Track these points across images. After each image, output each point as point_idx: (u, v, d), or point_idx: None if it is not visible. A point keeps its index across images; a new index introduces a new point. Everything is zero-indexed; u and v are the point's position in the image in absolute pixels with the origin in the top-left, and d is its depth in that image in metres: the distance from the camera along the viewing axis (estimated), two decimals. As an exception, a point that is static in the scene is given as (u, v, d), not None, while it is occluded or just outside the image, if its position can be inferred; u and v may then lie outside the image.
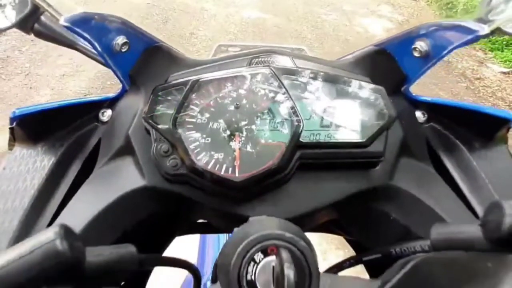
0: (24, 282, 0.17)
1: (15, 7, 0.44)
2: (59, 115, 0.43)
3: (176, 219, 0.46)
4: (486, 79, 4.05)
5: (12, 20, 0.42)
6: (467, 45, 0.38)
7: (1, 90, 2.43)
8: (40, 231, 0.20)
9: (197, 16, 4.26)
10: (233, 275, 0.20)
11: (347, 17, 5.12)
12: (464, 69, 4.19)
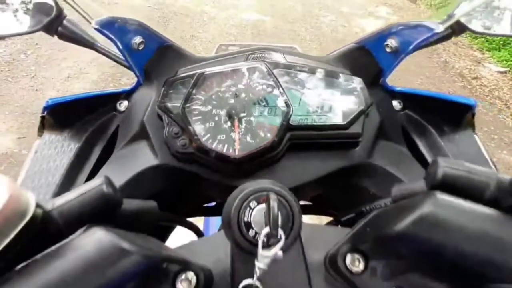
0: (78, 216, 0.23)
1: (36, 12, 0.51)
2: (83, 105, 0.49)
3: (183, 199, 0.52)
4: (483, 78, 4.09)
5: (39, 23, 0.49)
6: (428, 42, 0.44)
7: (8, 92, 2.48)
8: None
9: (198, 18, 4.30)
10: (234, 218, 0.26)
11: (345, 18, 5.17)
12: (461, 68, 4.23)
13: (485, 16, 0.51)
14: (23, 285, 0.18)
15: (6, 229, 0.18)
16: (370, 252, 0.26)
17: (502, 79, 4.15)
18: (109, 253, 0.20)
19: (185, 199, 0.52)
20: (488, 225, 0.21)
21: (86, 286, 0.19)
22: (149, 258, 0.21)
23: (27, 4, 0.50)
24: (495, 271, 0.21)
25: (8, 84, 2.58)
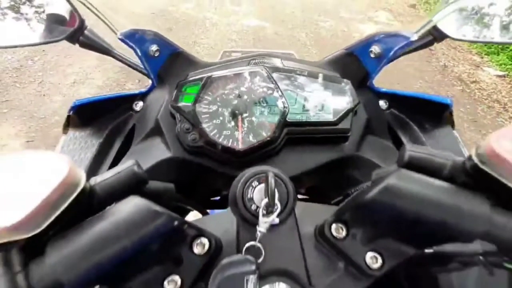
0: (114, 190, 0.28)
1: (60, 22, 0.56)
2: (103, 106, 0.55)
3: (192, 191, 0.57)
4: (482, 82, 4.12)
5: (64, 33, 0.55)
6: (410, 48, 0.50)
7: (16, 97, 2.55)
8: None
9: (199, 25, 4.37)
10: (239, 195, 0.32)
11: (345, 23, 5.23)
12: (460, 72, 4.26)
13: (462, 23, 0.56)
14: (80, 239, 0.24)
15: (64, 197, 0.24)
16: (350, 221, 0.31)
17: (501, 82, 4.18)
18: (144, 214, 0.25)
19: (193, 192, 0.58)
20: (442, 195, 0.26)
21: (127, 240, 0.24)
22: (175, 220, 0.27)
23: (52, 16, 0.56)
24: (448, 232, 0.26)
25: (16, 89, 2.65)
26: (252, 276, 0.26)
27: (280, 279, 0.30)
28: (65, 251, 0.23)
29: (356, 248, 0.30)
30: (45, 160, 0.24)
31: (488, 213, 0.25)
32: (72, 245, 0.23)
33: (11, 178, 0.23)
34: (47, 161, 0.24)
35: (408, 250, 0.30)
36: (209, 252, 0.30)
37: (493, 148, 0.24)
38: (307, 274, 0.31)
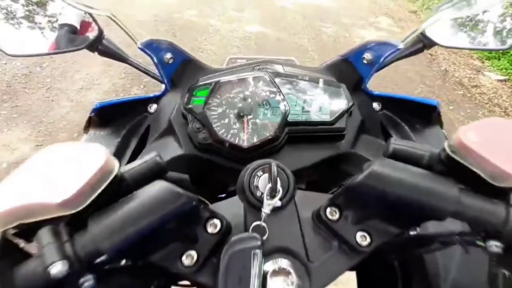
0: (140, 177, 0.33)
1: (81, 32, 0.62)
2: (121, 108, 0.60)
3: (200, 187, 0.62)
4: (483, 87, 4.16)
5: (84, 42, 0.60)
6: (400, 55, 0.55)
7: (25, 103, 2.62)
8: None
9: (203, 31, 4.43)
10: (246, 183, 0.36)
11: (346, 29, 5.29)
12: (461, 77, 4.30)
13: (450, 31, 0.61)
14: (115, 215, 0.28)
15: (101, 181, 0.29)
16: (342, 205, 0.36)
17: (502, 87, 4.22)
18: (168, 194, 0.30)
19: (202, 187, 0.62)
20: (418, 180, 0.31)
21: (153, 216, 0.29)
22: (193, 200, 0.31)
23: (73, 26, 0.62)
24: (424, 212, 0.31)
25: (26, 95, 2.72)
26: (258, 251, 0.31)
27: (282, 256, 0.34)
28: (103, 225, 0.28)
29: (347, 229, 0.35)
30: (87, 150, 0.29)
31: (457, 195, 0.29)
32: (109, 220, 0.28)
33: (60, 164, 0.28)
34: (89, 151, 0.29)
35: (392, 229, 0.34)
36: (220, 232, 0.35)
37: (461, 140, 0.29)
38: (306, 251, 0.35)
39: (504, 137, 0.30)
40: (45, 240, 0.26)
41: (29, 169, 0.28)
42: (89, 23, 0.60)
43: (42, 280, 0.26)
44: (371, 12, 6.03)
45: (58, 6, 0.59)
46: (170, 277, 0.46)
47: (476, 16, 0.63)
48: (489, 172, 0.28)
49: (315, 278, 0.34)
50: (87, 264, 0.27)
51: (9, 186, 0.27)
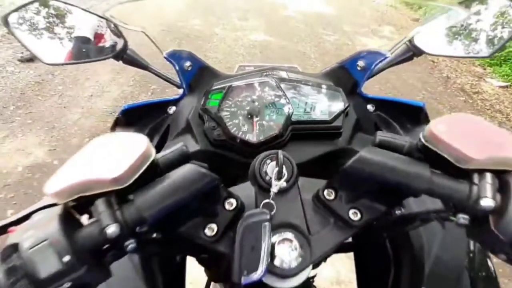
0: (171, 163, 0.39)
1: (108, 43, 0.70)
2: (144, 109, 0.68)
3: None
4: (485, 93, 4.21)
5: (111, 52, 0.68)
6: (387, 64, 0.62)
7: (38, 109, 2.72)
8: None
9: (208, 40, 4.54)
10: (256, 169, 0.43)
11: (348, 37, 5.38)
12: (463, 84, 4.36)
13: (436, 40, 0.68)
14: (155, 191, 0.35)
15: (143, 164, 0.36)
16: (337, 186, 0.43)
17: (503, 93, 4.26)
18: (196, 174, 0.37)
19: None
20: (397, 163, 0.37)
21: (184, 192, 0.36)
22: (216, 180, 0.38)
23: (102, 38, 0.70)
24: (402, 190, 0.38)
25: (39, 102, 2.82)
26: (267, 224, 0.38)
27: (287, 230, 0.41)
28: (145, 198, 0.35)
29: (341, 207, 0.42)
30: (132, 138, 0.36)
31: (429, 175, 0.36)
32: (150, 195, 0.35)
33: (112, 148, 0.35)
34: (133, 139, 0.36)
35: (379, 206, 0.41)
36: (236, 209, 0.42)
37: (432, 131, 0.36)
38: (307, 226, 0.42)
39: (467, 128, 0.37)
40: (101, 208, 0.33)
41: (87, 152, 0.36)
42: (116, 34, 0.68)
43: (99, 240, 0.33)
44: (374, 20, 6.12)
45: (90, 20, 0.67)
46: (192, 249, 0.53)
47: (460, 26, 0.70)
48: (455, 157, 0.35)
49: (315, 248, 0.41)
50: (132, 230, 0.34)
51: (71, 166, 0.34)
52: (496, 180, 0.35)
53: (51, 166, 2.19)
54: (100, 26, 0.68)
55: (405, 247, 0.51)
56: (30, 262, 0.30)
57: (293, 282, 0.41)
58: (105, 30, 0.69)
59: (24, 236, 0.31)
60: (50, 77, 3.17)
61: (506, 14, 0.66)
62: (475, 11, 0.68)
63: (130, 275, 0.46)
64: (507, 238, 0.32)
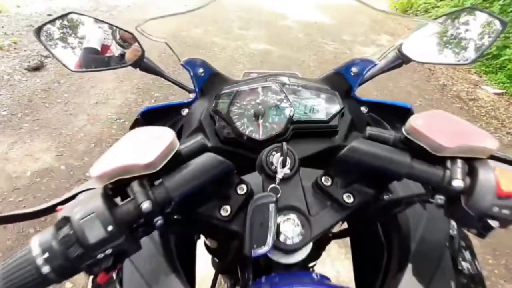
0: (191, 153, 0.46)
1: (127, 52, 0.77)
2: (161, 111, 0.75)
3: None
4: (480, 100, 4.28)
5: (130, 60, 0.75)
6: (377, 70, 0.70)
7: (46, 116, 2.80)
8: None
9: (209, 49, 4.65)
10: (264, 160, 0.50)
11: (347, 46, 5.48)
12: (459, 91, 4.44)
13: (423, 49, 0.76)
14: (180, 175, 0.42)
15: (169, 152, 0.42)
16: (333, 174, 0.50)
17: (499, 100, 4.33)
18: (214, 161, 0.44)
19: None
20: (383, 152, 0.44)
21: (205, 176, 0.43)
22: (231, 166, 0.45)
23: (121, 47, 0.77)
24: (387, 174, 0.45)
25: (46, 109, 2.90)
26: (273, 204, 0.45)
27: (290, 211, 0.48)
28: (172, 181, 0.42)
29: (337, 191, 0.49)
30: (161, 131, 0.43)
31: (409, 162, 0.43)
32: (176, 178, 0.42)
33: (144, 139, 0.42)
34: (162, 132, 0.43)
35: (369, 190, 0.48)
36: (246, 193, 0.49)
37: (412, 125, 0.43)
38: (307, 208, 0.49)
39: (441, 122, 0.44)
40: (136, 189, 0.40)
41: (124, 142, 0.43)
42: (134, 44, 0.75)
43: (134, 214, 0.39)
44: (372, 30, 6.23)
45: (111, 32, 0.75)
46: (208, 230, 0.59)
47: (442, 36, 0.78)
48: (431, 146, 0.42)
49: (314, 226, 0.47)
50: (161, 208, 0.41)
51: (112, 153, 0.41)
52: (465, 165, 0.42)
53: (58, 170, 2.26)
54: (121, 37, 0.76)
55: (394, 230, 0.58)
56: (81, 231, 0.36)
57: (295, 257, 0.48)
58: (125, 41, 0.76)
59: (74, 211, 0.38)
60: (56, 85, 3.25)
61: (485, 26, 0.74)
62: (454, 24, 0.76)
63: (153, 252, 0.53)
64: (475, 213, 0.39)
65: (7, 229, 1.84)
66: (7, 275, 0.35)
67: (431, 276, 0.51)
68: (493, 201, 0.38)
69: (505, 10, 5.87)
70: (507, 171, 0.40)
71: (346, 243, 0.87)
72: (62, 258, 0.36)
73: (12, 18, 4.68)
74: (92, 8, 5.69)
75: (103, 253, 0.37)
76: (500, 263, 2.09)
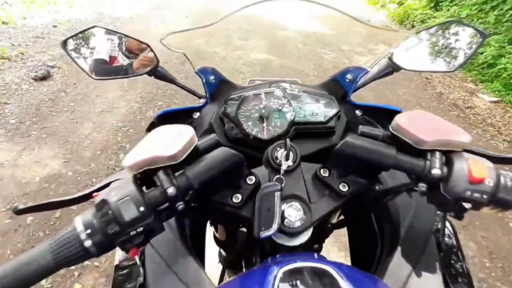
0: (206, 148, 0.53)
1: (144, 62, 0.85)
2: (174, 115, 0.82)
3: None
4: (477, 108, 4.35)
5: (146, 69, 0.83)
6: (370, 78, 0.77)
7: (53, 124, 2.87)
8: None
9: (210, 58, 4.75)
10: (269, 154, 0.57)
11: (345, 56, 5.59)
12: (456, 99, 4.52)
13: (411, 58, 0.83)
14: (199, 166, 0.49)
15: (189, 146, 0.49)
16: (330, 166, 0.57)
17: (495, 108, 4.40)
18: (228, 154, 0.51)
19: None
20: (373, 146, 0.51)
21: (220, 166, 0.50)
22: (242, 158, 0.52)
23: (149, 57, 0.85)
24: (376, 166, 0.52)
25: (53, 117, 2.98)
26: (279, 193, 0.51)
27: (293, 199, 0.55)
28: (193, 171, 0.48)
29: (334, 181, 0.56)
30: (183, 128, 0.50)
31: (395, 154, 0.50)
32: (196, 168, 0.49)
33: (169, 135, 0.50)
34: (183, 129, 0.50)
35: (361, 180, 0.55)
36: (255, 183, 0.56)
37: (397, 123, 0.50)
38: (308, 197, 0.56)
39: (422, 120, 0.51)
40: (162, 177, 0.47)
41: (151, 138, 0.50)
42: (150, 54, 0.83)
43: (161, 198, 0.46)
44: (369, 40, 6.36)
45: (129, 43, 0.83)
46: (220, 216, 0.66)
47: (431, 46, 0.85)
48: (413, 140, 0.49)
49: (314, 212, 0.54)
50: (183, 194, 0.48)
51: (141, 147, 0.48)
52: (443, 156, 0.49)
53: (66, 176, 2.32)
54: (139, 48, 0.84)
55: (386, 220, 0.65)
56: (118, 210, 0.43)
57: (298, 240, 0.55)
58: (142, 51, 0.84)
59: (111, 194, 0.44)
60: (62, 94, 3.34)
61: (467, 37, 0.82)
62: (441, 35, 0.84)
63: (171, 238, 0.60)
64: (451, 197, 0.46)
65: (18, 232, 1.89)
66: (55, 249, 0.42)
67: (418, 258, 0.57)
68: (466, 186, 0.45)
69: (500, 20, 6.01)
70: (478, 161, 0.47)
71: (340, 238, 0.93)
72: (102, 234, 0.42)
73: (18, 30, 4.80)
74: (96, 19, 5.83)
75: (135, 231, 0.44)
76: (497, 266, 2.14)
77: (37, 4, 5.90)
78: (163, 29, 5.67)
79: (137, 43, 0.83)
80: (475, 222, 2.44)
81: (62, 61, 4.06)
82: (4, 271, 0.40)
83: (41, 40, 4.57)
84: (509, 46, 5.31)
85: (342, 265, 0.46)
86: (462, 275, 0.60)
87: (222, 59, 4.86)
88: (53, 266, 0.42)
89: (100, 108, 3.22)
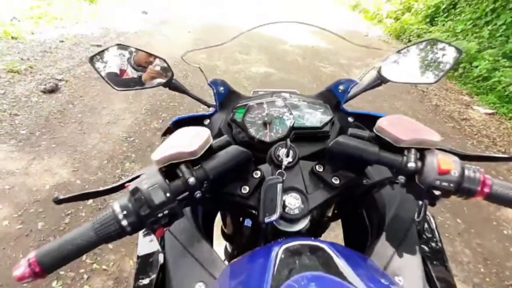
0: (219, 147, 0.62)
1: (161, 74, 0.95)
2: (188, 121, 0.92)
3: None
4: (472, 120, 4.45)
5: (162, 81, 0.93)
6: (359, 89, 0.88)
7: (61, 135, 2.97)
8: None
9: (212, 71, 4.87)
10: (272, 153, 0.67)
11: (344, 69, 5.74)
12: (451, 111, 4.63)
13: (398, 70, 0.94)
14: (214, 161, 0.58)
15: (206, 144, 0.59)
16: (324, 162, 0.66)
17: (490, 120, 4.51)
18: (238, 152, 0.60)
19: None
20: (359, 145, 0.61)
21: (231, 161, 0.59)
22: (250, 154, 0.62)
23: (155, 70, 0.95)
24: (362, 161, 0.62)
25: (61, 128, 3.08)
26: (280, 184, 0.61)
27: (292, 191, 0.64)
28: (209, 165, 0.58)
29: (327, 175, 0.66)
30: (200, 129, 0.60)
31: (378, 151, 0.60)
32: (212, 162, 0.58)
33: (189, 134, 0.59)
34: (201, 130, 0.60)
35: (350, 174, 0.65)
36: (260, 177, 0.65)
37: (379, 125, 0.60)
38: (305, 189, 0.65)
39: (400, 123, 0.61)
40: (184, 169, 0.56)
41: (175, 137, 0.60)
42: (165, 68, 0.93)
43: (183, 186, 0.55)
44: (367, 54, 6.50)
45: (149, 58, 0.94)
46: (230, 206, 0.75)
47: (415, 60, 0.96)
48: (393, 139, 0.59)
49: (310, 201, 0.64)
50: (201, 184, 0.57)
51: (166, 145, 0.58)
52: (417, 153, 0.58)
53: (74, 184, 2.41)
54: (155, 63, 0.94)
55: (374, 211, 0.74)
56: (149, 195, 0.52)
57: (298, 226, 0.64)
58: (158, 65, 0.95)
59: (142, 183, 0.54)
60: (70, 106, 3.45)
61: (446, 53, 0.93)
62: (423, 51, 0.95)
63: (187, 226, 0.69)
64: (424, 186, 0.55)
65: (29, 237, 1.97)
66: (97, 227, 0.51)
67: (400, 242, 0.66)
68: (436, 176, 0.54)
69: (494, 35, 6.19)
70: (446, 156, 0.57)
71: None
72: (135, 215, 0.51)
73: (27, 45, 4.96)
74: (102, 34, 6.01)
75: (162, 213, 0.53)
76: (492, 272, 2.20)
77: (44, 20, 6.09)
78: (167, 43, 5.85)
79: (146, 56, 0.93)
80: (470, 229, 2.51)
81: (69, 74, 4.19)
82: (50, 247, 0.49)
83: (49, 55, 4.71)
84: (503, 59, 5.46)
85: (336, 244, 0.55)
86: (438, 257, 0.69)
87: (224, 72, 4.98)
88: (95, 240, 0.51)
89: (107, 119, 3.33)
